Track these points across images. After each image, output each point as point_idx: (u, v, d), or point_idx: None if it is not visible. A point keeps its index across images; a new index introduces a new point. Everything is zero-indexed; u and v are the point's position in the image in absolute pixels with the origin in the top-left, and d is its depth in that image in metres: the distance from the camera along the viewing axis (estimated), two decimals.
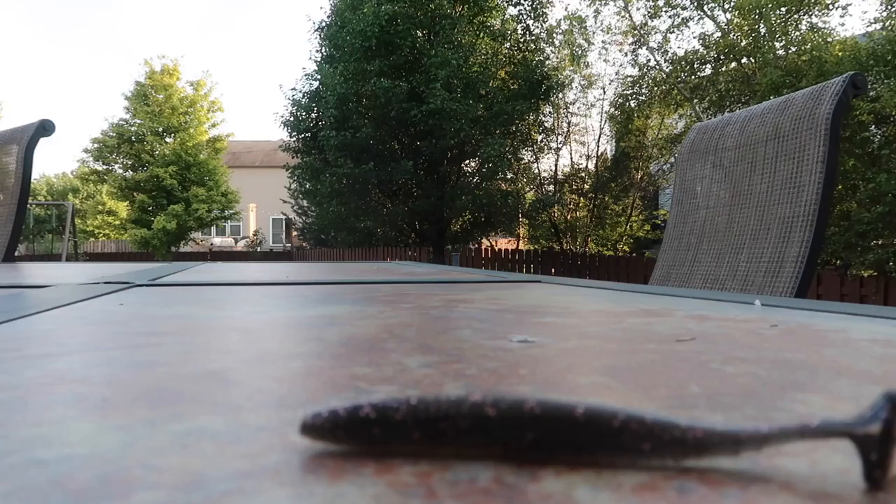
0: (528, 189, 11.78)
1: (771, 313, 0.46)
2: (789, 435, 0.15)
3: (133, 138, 14.63)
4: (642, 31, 10.16)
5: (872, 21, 7.27)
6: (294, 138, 10.70)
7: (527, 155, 11.42)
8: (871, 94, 5.82)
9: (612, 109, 11.52)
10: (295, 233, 13.40)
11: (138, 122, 14.69)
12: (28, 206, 2.53)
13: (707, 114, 8.88)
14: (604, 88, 15.62)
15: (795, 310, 0.48)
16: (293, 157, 10.80)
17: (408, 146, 9.88)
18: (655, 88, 10.16)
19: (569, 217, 11.72)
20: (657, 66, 10.09)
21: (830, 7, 8.22)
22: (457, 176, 10.20)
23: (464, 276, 1.03)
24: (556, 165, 12.09)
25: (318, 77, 10.29)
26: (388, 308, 0.50)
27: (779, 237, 1.28)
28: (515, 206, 10.60)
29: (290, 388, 0.23)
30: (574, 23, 11.55)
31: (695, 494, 0.12)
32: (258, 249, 15.20)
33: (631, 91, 10.66)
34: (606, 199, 11.63)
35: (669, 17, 9.74)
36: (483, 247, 11.09)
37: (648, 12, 9.92)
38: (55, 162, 50.15)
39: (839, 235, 6.17)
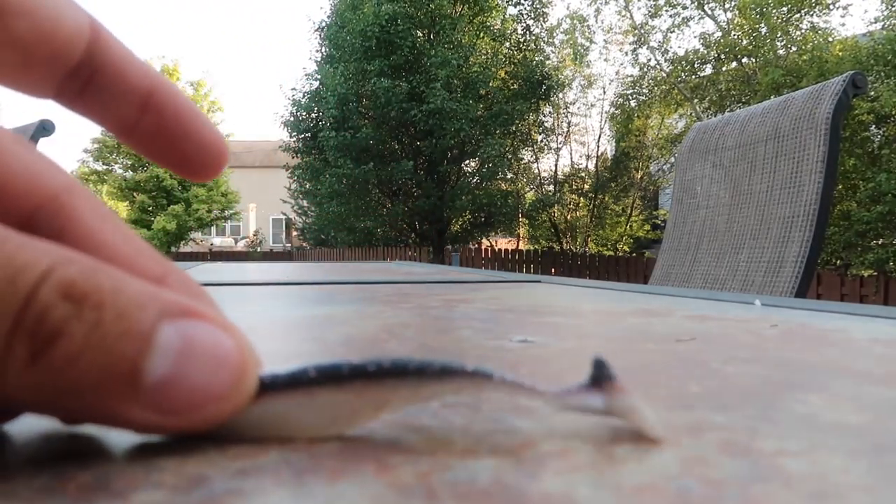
0: (528, 189, 11.79)
1: (771, 313, 0.46)
2: (515, 389, 0.15)
3: None
4: (643, 31, 10.17)
5: (873, 21, 7.27)
6: (294, 138, 10.70)
7: (527, 155, 11.43)
8: (871, 93, 5.82)
9: (613, 109, 11.53)
10: (295, 233, 13.40)
11: None
12: None
13: (707, 114, 8.88)
14: (604, 88, 15.68)
15: (795, 310, 0.48)
16: (293, 157, 10.79)
17: (408, 146, 9.89)
18: (655, 88, 10.16)
19: (569, 217, 11.72)
20: (657, 66, 10.09)
21: (831, 7, 8.22)
22: (457, 176, 10.21)
23: (464, 276, 1.03)
24: (556, 165, 12.11)
25: (319, 77, 10.30)
26: (388, 308, 0.50)
27: (779, 237, 1.28)
28: (515, 206, 10.61)
29: None
30: (576, 21, 11.56)
31: (695, 494, 0.12)
32: (258, 249, 15.19)
33: (631, 91, 10.67)
34: (606, 199, 11.63)
35: (670, 16, 9.75)
36: (483, 247, 11.09)
37: (649, 12, 9.93)
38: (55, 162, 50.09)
39: (839, 235, 6.18)
